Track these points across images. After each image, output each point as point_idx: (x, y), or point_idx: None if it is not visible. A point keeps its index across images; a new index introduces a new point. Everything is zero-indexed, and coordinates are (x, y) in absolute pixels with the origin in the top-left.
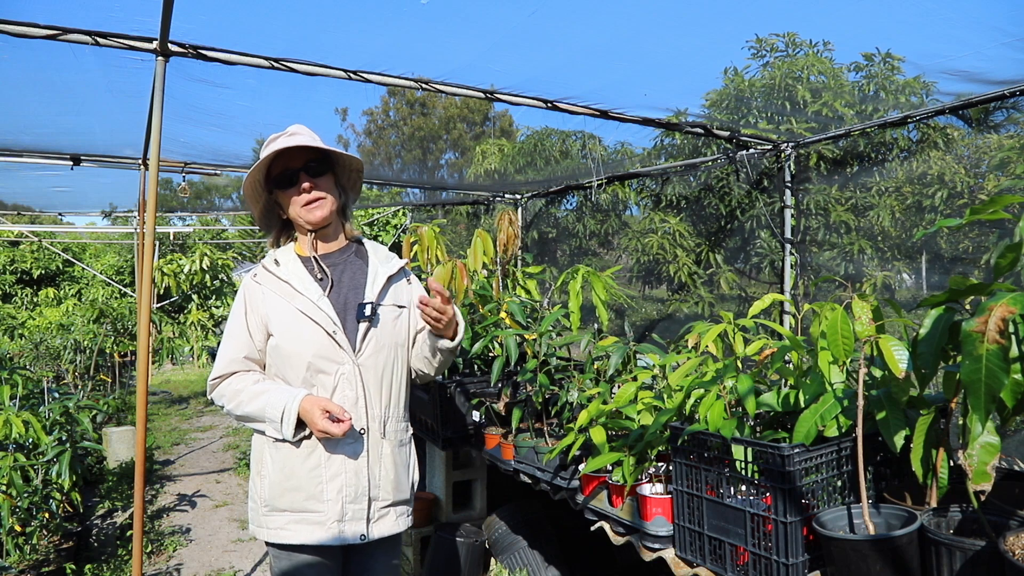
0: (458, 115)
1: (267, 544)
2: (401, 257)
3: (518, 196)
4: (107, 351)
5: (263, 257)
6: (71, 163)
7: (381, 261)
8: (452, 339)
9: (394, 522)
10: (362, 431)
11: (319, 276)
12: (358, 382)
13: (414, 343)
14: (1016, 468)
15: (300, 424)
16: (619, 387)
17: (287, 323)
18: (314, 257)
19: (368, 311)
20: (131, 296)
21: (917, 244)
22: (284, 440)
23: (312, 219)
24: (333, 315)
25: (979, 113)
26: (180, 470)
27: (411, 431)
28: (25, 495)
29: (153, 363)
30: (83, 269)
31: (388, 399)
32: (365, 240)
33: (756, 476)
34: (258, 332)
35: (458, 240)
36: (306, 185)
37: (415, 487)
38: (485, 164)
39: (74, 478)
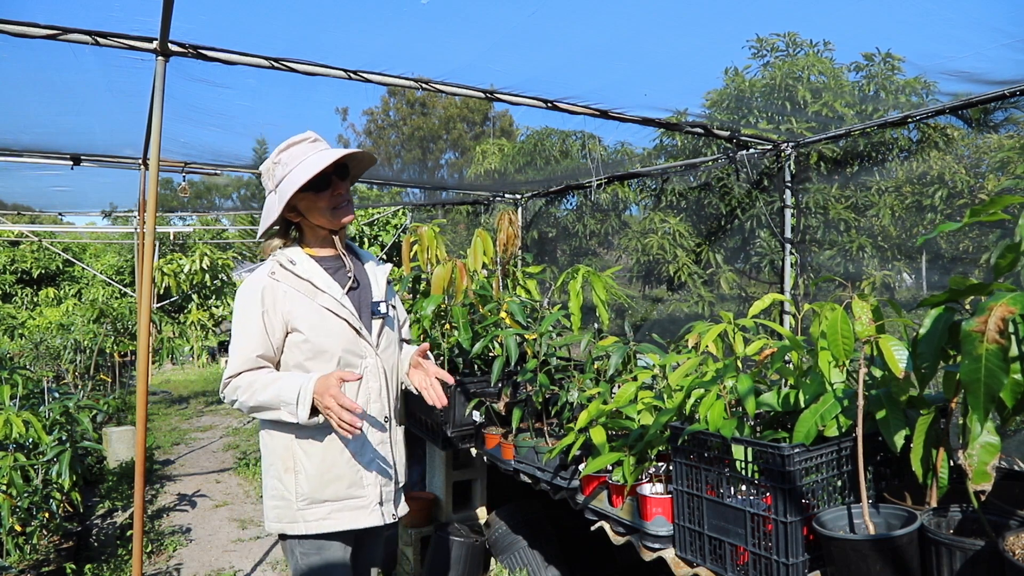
0: (458, 115)
1: (295, 538)
2: (401, 257)
3: (518, 196)
4: (107, 351)
5: (263, 257)
6: (71, 163)
7: (375, 264)
8: None
9: (403, 503)
10: (386, 419)
11: (348, 274)
12: (381, 374)
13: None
14: (1016, 468)
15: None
16: (619, 387)
17: (315, 320)
18: (343, 254)
19: (383, 308)
20: (131, 296)
21: (917, 244)
22: (312, 435)
23: (345, 221)
24: (355, 311)
25: (979, 113)
26: (180, 470)
27: None
28: (25, 495)
29: (153, 363)
30: (83, 269)
31: (397, 389)
32: (349, 242)
33: (756, 476)
34: (276, 330)
35: (458, 240)
36: (340, 190)
37: None
38: (485, 164)
39: (74, 478)
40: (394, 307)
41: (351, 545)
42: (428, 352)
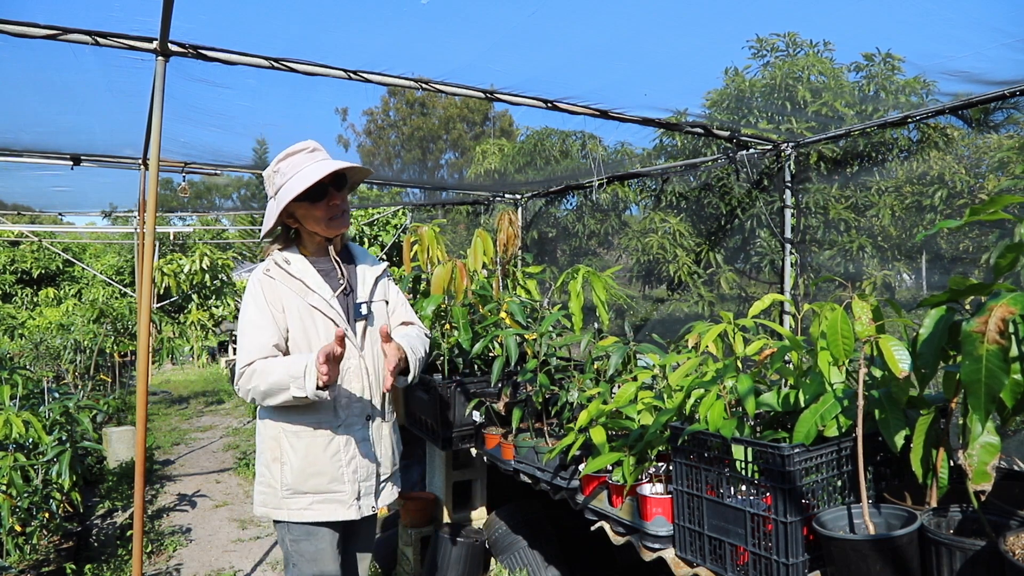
0: (458, 115)
1: (283, 523)
2: (401, 257)
3: (518, 196)
4: (107, 351)
5: (262, 257)
6: (71, 163)
7: (369, 264)
8: (406, 373)
9: (391, 491)
10: (369, 418)
11: (339, 278)
12: (364, 375)
13: None
14: (1016, 468)
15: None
16: (619, 387)
17: (303, 318)
18: (336, 261)
19: (364, 310)
20: (131, 296)
21: (917, 244)
22: (298, 431)
23: (341, 230)
24: (342, 313)
25: (979, 113)
26: (180, 470)
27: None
28: (25, 495)
29: (153, 363)
30: (83, 269)
31: (382, 387)
32: (348, 242)
33: (756, 476)
34: (280, 323)
35: (458, 240)
36: (336, 201)
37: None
38: (485, 164)
39: (74, 478)
40: (387, 301)
41: (339, 532)
42: (389, 333)
